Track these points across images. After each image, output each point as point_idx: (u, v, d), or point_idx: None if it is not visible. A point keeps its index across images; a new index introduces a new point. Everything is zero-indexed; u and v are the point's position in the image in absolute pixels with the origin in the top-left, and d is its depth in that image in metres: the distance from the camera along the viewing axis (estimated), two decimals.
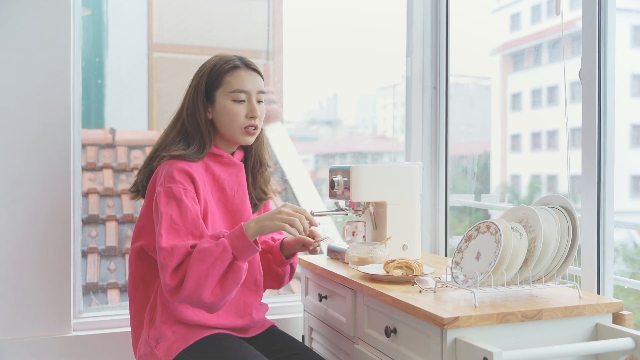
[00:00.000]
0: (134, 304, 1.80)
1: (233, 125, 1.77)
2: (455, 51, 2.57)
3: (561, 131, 4.33)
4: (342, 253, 2.11)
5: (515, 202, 5.23)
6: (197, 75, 1.81)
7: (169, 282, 1.57)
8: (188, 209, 1.64)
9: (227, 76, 1.77)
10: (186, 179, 1.68)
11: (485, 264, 1.53)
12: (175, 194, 1.64)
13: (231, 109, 1.76)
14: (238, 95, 1.76)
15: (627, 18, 3.81)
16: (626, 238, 4.57)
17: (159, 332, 1.70)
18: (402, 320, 1.56)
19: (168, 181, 1.66)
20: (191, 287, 1.56)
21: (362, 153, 5.72)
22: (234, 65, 1.79)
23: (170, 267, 1.57)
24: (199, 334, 1.71)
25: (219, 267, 1.57)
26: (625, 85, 4.60)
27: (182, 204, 1.64)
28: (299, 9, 4.56)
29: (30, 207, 2.10)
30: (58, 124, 2.13)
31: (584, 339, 1.50)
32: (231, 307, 1.79)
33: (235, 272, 1.60)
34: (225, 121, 1.77)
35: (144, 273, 1.78)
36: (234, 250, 1.58)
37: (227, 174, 1.82)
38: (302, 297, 2.27)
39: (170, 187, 1.65)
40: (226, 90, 1.77)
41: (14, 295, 2.10)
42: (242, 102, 1.77)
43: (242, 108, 1.77)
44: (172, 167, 1.68)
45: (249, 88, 1.78)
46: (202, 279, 1.56)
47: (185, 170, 1.68)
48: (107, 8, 4.16)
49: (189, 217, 1.63)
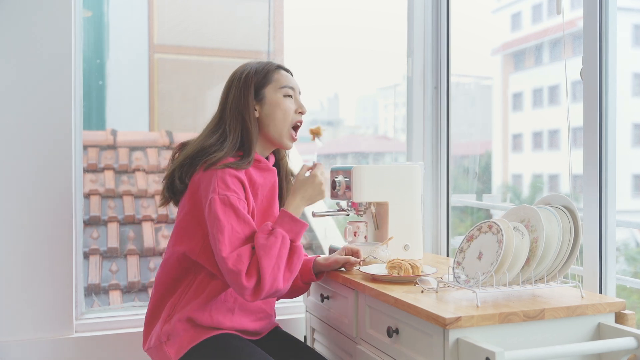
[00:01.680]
0: (157, 298, 1.81)
1: (285, 120, 1.84)
2: (456, 51, 2.57)
3: (563, 131, 4.33)
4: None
5: (516, 201, 5.22)
6: (239, 79, 1.84)
7: (246, 285, 1.60)
8: (246, 217, 1.68)
9: (275, 74, 1.87)
10: (238, 186, 1.72)
11: (487, 263, 1.53)
12: (233, 202, 1.67)
13: (283, 103, 1.84)
14: (288, 91, 1.85)
15: (628, 17, 3.80)
16: (628, 237, 4.57)
17: (172, 328, 1.72)
18: (404, 321, 1.56)
19: (223, 189, 1.68)
20: (269, 283, 1.60)
21: (363, 153, 5.71)
22: (277, 66, 1.90)
23: (243, 270, 1.60)
24: (207, 333, 1.73)
25: (283, 255, 1.64)
26: (626, 84, 4.59)
27: (239, 212, 1.67)
28: (299, 9, 4.56)
29: (32, 208, 2.10)
30: (59, 126, 2.13)
31: (586, 338, 1.50)
32: (246, 310, 1.82)
33: (298, 253, 1.68)
34: (277, 116, 1.84)
35: (178, 274, 1.79)
36: (290, 235, 1.67)
37: (262, 178, 1.85)
38: (304, 298, 2.27)
39: (227, 195, 1.67)
40: (276, 87, 1.85)
41: (16, 297, 2.10)
42: (291, 97, 1.86)
43: (291, 103, 1.86)
44: (224, 175, 1.70)
45: (295, 85, 1.89)
46: (275, 271, 1.61)
47: (237, 177, 1.72)
48: (107, 9, 4.16)
49: (247, 226, 1.67)
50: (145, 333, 1.83)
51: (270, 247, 1.62)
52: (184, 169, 1.78)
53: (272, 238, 1.63)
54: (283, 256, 1.64)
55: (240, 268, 1.60)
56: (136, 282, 3.43)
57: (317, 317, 2.15)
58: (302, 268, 1.94)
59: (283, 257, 1.64)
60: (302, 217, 1.76)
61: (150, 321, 1.81)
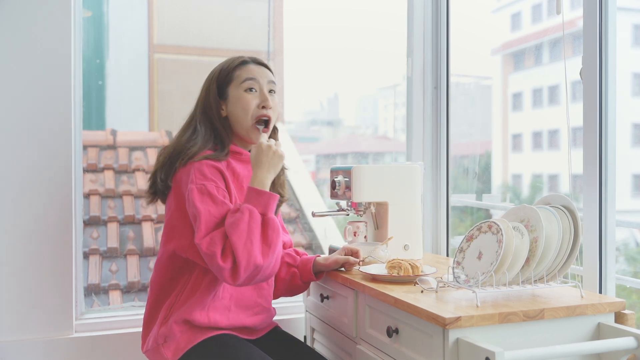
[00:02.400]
0: (153, 300, 1.80)
1: (246, 115, 1.80)
2: (456, 51, 2.57)
3: (562, 130, 4.32)
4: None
5: (516, 201, 5.22)
6: (208, 79, 1.86)
7: (223, 265, 1.58)
8: (224, 204, 1.67)
9: (237, 70, 1.83)
10: (217, 175, 1.71)
11: (487, 263, 1.53)
12: (209, 190, 1.67)
13: (244, 98, 1.80)
14: (249, 84, 1.81)
15: (628, 17, 3.80)
16: (628, 237, 4.57)
17: (169, 330, 1.72)
18: (404, 321, 1.56)
19: (200, 179, 1.68)
20: (245, 259, 1.57)
21: (363, 153, 5.72)
22: (243, 60, 1.85)
23: (217, 252, 1.59)
24: (205, 334, 1.73)
25: (255, 228, 1.61)
26: (626, 84, 4.59)
27: (217, 199, 1.66)
28: (299, 10, 4.56)
29: (32, 208, 2.10)
30: (59, 126, 2.13)
31: (586, 338, 1.50)
32: (242, 305, 1.81)
33: (272, 225, 1.64)
34: (239, 113, 1.81)
35: (172, 273, 1.79)
36: (259, 208, 1.63)
37: (247, 171, 1.84)
38: (303, 298, 2.27)
39: (204, 184, 1.67)
40: (237, 82, 1.82)
41: (15, 297, 2.10)
42: (254, 91, 1.82)
43: (254, 98, 1.81)
44: (202, 165, 1.71)
45: (258, 77, 1.83)
46: (248, 246, 1.58)
47: (215, 166, 1.72)
48: (107, 9, 4.16)
49: (224, 211, 1.66)
50: (143, 335, 1.83)
51: (238, 222, 1.59)
52: (165, 169, 1.79)
53: (238, 214, 1.61)
54: (254, 230, 1.60)
55: (213, 250, 1.59)
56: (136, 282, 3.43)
57: (317, 317, 2.15)
58: (302, 268, 1.95)
59: (255, 231, 1.60)
60: (302, 217, 1.76)
61: (148, 323, 1.81)
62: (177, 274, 1.78)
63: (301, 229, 4.10)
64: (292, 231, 4.04)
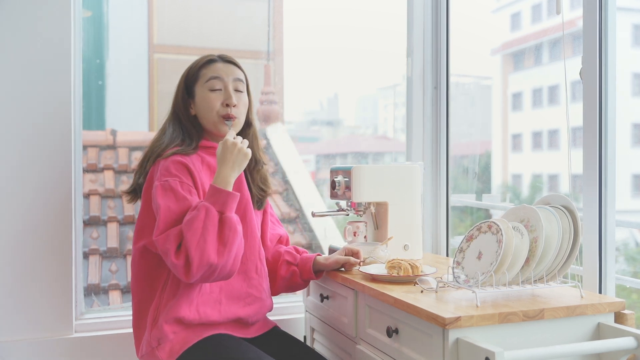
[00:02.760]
0: (137, 304, 1.80)
1: (211, 114, 1.81)
2: (456, 51, 2.57)
3: (562, 130, 4.33)
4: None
5: (516, 201, 5.22)
6: (180, 78, 1.89)
7: (176, 262, 1.58)
8: (186, 199, 1.66)
9: (203, 69, 1.84)
10: (182, 171, 1.71)
11: (486, 263, 1.53)
12: (172, 186, 1.67)
13: (207, 98, 1.81)
14: (213, 83, 1.82)
15: (627, 17, 3.81)
16: (628, 237, 4.57)
17: (160, 332, 1.69)
18: (403, 321, 1.56)
19: (165, 175, 1.69)
20: (197, 258, 1.56)
21: (363, 153, 5.72)
22: (210, 59, 1.85)
23: (172, 249, 1.59)
24: (200, 334, 1.72)
25: (211, 227, 1.59)
26: (626, 84, 4.60)
27: (179, 195, 1.66)
28: (299, 9, 4.56)
29: (32, 208, 2.10)
30: (59, 126, 2.13)
31: (585, 338, 1.50)
32: (233, 297, 1.80)
33: (229, 224, 1.62)
34: (204, 113, 1.82)
35: (147, 272, 1.77)
36: (215, 206, 1.61)
37: None
38: (303, 298, 2.27)
39: (167, 180, 1.68)
40: (202, 82, 1.83)
41: (15, 297, 2.10)
42: (219, 90, 1.82)
43: (218, 96, 1.82)
44: (167, 162, 1.72)
45: (223, 76, 1.82)
46: (201, 245, 1.57)
47: (180, 162, 1.72)
48: (107, 9, 4.16)
49: (185, 206, 1.65)
50: (136, 342, 1.81)
51: (193, 220, 1.58)
52: (139, 170, 1.84)
53: (194, 212, 1.60)
54: (210, 228, 1.58)
55: (167, 247, 1.59)
56: None
57: (317, 317, 2.15)
58: (302, 266, 1.95)
59: (210, 229, 1.58)
60: (302, 217, 1.76)
61: (138, 329, 1.80)
62: (155, 272, 1.77)
63: (301, 229, 4.10)
64: (292, 231, 4.04)
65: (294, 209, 4.19)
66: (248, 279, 1.84)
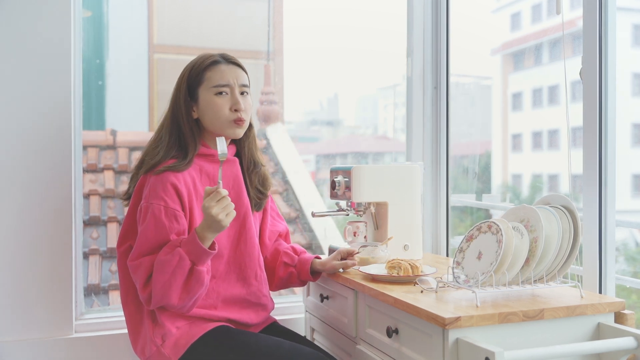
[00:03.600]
0: (128, 307, 1.79)
1: (218, 119, 1.78)
2: (456, 51, 2.57)
3: (562, 130, 4.33)
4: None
5: (516, 201, 5.22)
6: (179, 78, 1.83)
7: (142, 294, 1.66)
8: (165, 228, 1.66)
9: (208, 72, 1.79)
10: (170, 193, 1.68)
11: (486, 263, 1.53)
12: (155, 212, 1.66)
13: (214, 103, 1.77)
14: (220, 89, 1.77)
15: (627, 17, 3.80)
16: (627, 237, 4.57)
17: (163, 329, 1.70)
18: (403, 321, 1.56)
19: (152, 196, 1.68)
20: (158, 297, 1.63)
21: (363, 153, 5.71)
22: (214, 60, 1.80)
23: (140, 281, 1.66)
24: (203, 327, 1.72)
25: (179, 275, 1.61)
26: (626, 84, 4.60)
27: (159, 223, 1.66)
28: (299, 9, 4.56)
29: (32, 208, 2.10)
30: (59, 126, 2.13)
31: (585, 338, 1.50)
32: (230, 302, 1.80)
33: (197, 276, 1.62)
34: (211, 117, 1.78)
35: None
36: (190, 256, 1.61)
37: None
38: (303, 298, 2.27)
39: (152, 204, 1.67)
40: (208, 86, 1.78)
41: (15, 297, 2.10)
42: (226, 94, 1.78)
43: (225, 101, 1.78)
44: (157, 181, 1.69)
45: (231, 81, 1.79)
46: (165, 288, 1.61)
47: (171, 183, 1.69)
48: (107, 9, 4.16)
49: (161, 236, 1.66)
50: (133, 346, 1.79)
51: (165, 264, 1.60)
52: (132, 179, 1.83)
53: (169, 256, 1.60)
54: (178, 276, 1.60)
55: (137, 278, 1.66)
56: None
57: (317, 317, 2.15)
58: (300, 268, 1.94)
59: (178, 276, 1.60)
60: (302, 217, 1.76)
61: (134, 331, 1.78)
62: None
63: (301, 229, 4.10)
64: (292, 231, 4.04)
65: (294, 209, 4.19)
66: (247, 285, 1.84)
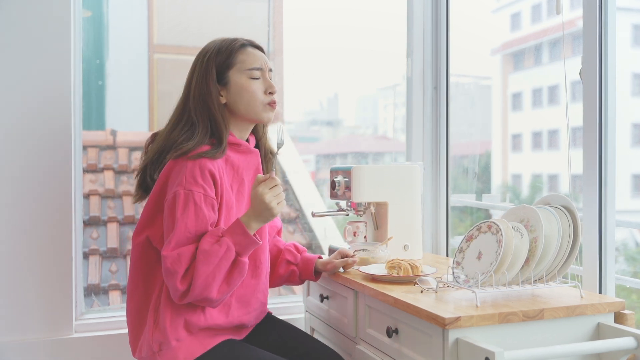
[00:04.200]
0: (133, 302, 1.72)
1: (254, 103, 1.72)
2: (456, 51, 2.57)
3: (562, 131, 4.32)
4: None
5: (516, 201, 5.22)
6: (202, 61, 1.74)
7: (179, 287, 1.55)
8: (205, 217, 1.60)
9: (240, 54, 1.73)
10: (208, 181, 1.62)
11: (486, 263, 1.53)
12: (196, 200, 1.59)
13: (250, 87, 1.72)
14: (254, 73, 1.73)
15: (627, 17, 3.80)
16: (627, 237, 4.57)
17: (163, 336, 1.62)
18: (403, 321, 1.56)
19: (190, 182, 1.60)
20: (199, 289, 1.55)
21: (363, 153, 5.71)
22: (242, 43, 1.75)
23: (180, 272, 1.55)
24: (204, 343, 1.66)
25: (224, 266, 1.56)
26: (625, 84, 4.59)
27: (200, 212, 1.59)
28: (299, 9, 4.56)
29: (32, 208, 2.11)
30: (59, 126, 2.13)
31: (585, 338, 1.50)
32: (243, 301, 1.75)
33: (240, 268, 1.59)
34: (244, 101, 1.72)
35: (146, 270, 1.71)
36: (237, 247, 1.57)
37: (246, 162, 1.77)
38: (303, 298, 2.27)
39: (192, 191, 1.59)
40: (241, 69, 1.72)
41: (15, 297, 2.10)
42: (258, 79, 1.74)
43: (259, 85, 1.74)
44: (195, 167, 1.61)
45: (262, 64, 1.75)
46: (209, 279, 1.55)
47: (209, 170, 1.63)
48: (107, 9, 4.16)
49: (202, 226, 1.60)
50: (131, 341, 1.74)
51: (211, 254, 1.54)
52: (154, 165, 1.72)
53: (216, 246, 1.55)
54: (223, 267, 1.56)
55: (176, 269, 1.55)
56: None
57: (317, 317, 2.15)
58: (302, 267, 1.93)
59: (223, 268, 1.56)
60: (302, 217, 1.76)
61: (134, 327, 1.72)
62: (153, 272, 1.70)
63: (301, 229, 4.10)
64: (292, 231, 4.04)
65: (294, 209, 4.19)
66: (259, 283, 1.79)
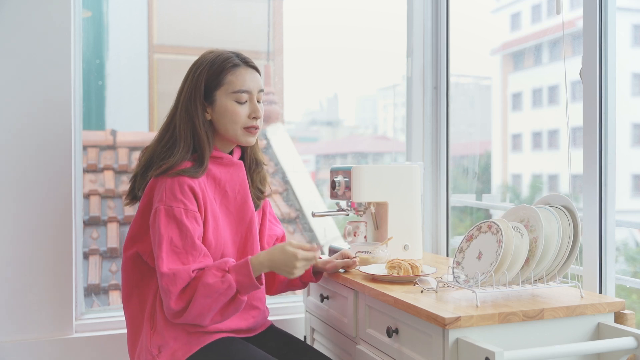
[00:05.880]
0: (129, 311, 1.75)
1: (234, 127, 1.73)
2: (456, 51, 2.57)
3: (562, 130, 4.33)
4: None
5: (516, 201, 5.22)
6: (193, 74, 1.74)
7: (173, 307, 1.58)
8: (188, 231, 1.61)
9: (229, 75, 1.72)
10: (188, 196, 1.64)
11: (486, 263, 1.53)
12: (176, 215, 1.61)
13: (233, 110, 1.72)
14: (241, 97, 1.72)
15: (627, 17, 3.80)
16: (627, 237, 4.57)
17: (161, 338, 1.65)
18: (403, 321, 1.56)
19: (169, 199, 1.62)
20: (193, 317, 1.59)
21: (362, 153, 5.72)
22: (234, 63, 1.73)
23: (174, 292, 1.57)
24: (201, 339, 1.67)
25: (222, 300, 1.59)
26: (625, 84, 4.60)
27: (183, 226, 1.61)
28: (299, 9, 4.56)
29: (32, 208, 2.11)
30: (59, 126, 2.13)
31: (585, 338, 1.50)
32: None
33: (237, 305, 1.62)
34: (226, 122, 1.73)
35: (139, 280, 1.73)
36: (238, 286, 1.60)
37: (229, 175, 1.78)
38: (303, 298, 2.27)
39: (171, 207, 1.61)
40: (228, 91, 1.72)
41: (15, 297, 2.10)
42: (244, 102, 1.73)
43: (244, 109, 1.73)
44: (174, 184, 1.64)
45: (251, 88, 1.74)
46: (205, 310, 1.58)
47: (188, 185, 1.64)
48: (107, 10, 4.16)
49: (188, 240, 1.61)
50: (130, 349, 1.75)
51: (212, 289, 1.56)
52: (141, 180, 1.75)
53: (218, 282, 1.57)
54: (220, 301, 1.59)
55: (171, 290, 1.57)
56: None
57: (317, 317, 2.15)
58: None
59: (220, 302, 1.59)
60: (302, 217, 1.76)
61: (132, 335, 1.74)
62: (145, 281, 1.72)
63: (301, 229, 4.10)
64: (292, 231, 4.04)
65: (294, 209, 4.19)
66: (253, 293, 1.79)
